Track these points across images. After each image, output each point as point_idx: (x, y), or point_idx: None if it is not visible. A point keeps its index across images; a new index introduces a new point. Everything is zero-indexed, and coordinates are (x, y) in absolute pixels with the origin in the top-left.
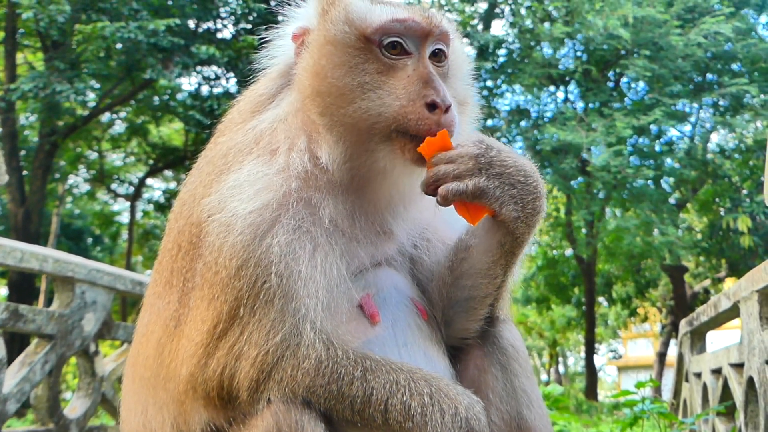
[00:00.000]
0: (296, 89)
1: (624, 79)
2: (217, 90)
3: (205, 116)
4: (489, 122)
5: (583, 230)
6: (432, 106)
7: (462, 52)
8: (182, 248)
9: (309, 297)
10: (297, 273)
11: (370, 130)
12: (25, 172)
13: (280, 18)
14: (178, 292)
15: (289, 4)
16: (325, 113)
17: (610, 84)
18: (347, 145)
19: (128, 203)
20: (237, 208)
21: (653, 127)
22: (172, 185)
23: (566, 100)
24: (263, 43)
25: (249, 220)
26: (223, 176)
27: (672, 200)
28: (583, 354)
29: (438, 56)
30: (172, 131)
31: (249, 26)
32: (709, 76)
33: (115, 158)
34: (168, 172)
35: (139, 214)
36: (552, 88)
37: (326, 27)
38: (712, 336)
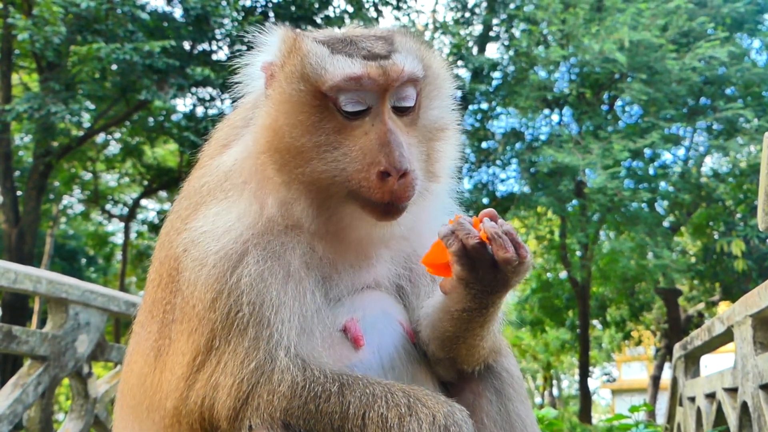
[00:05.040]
0: (252, 140)
1: (618, 103)
2: (212, 111)
3: (199, 137)
4: (483, 144)
5: (578, 253)
6: (385, 174)
7: (439, 78)
8: (163, 280)
9: (282, 323)
10: (269, 300)
11: (327, 189)
12: (19, 193)
13: (251, 44)
14: (158, 322)
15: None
16: (283, 170)
17: (604, 107)
18: (309, 201)
19: (122, 224)
20: (209, 244)
21: (647, 151)
22: (167, 206)
23: (560, 123)
24: (235, 69)
25: (221, 254)
26: (196, 212)
27: (666, 223)
28: (577, 377)
29: (402, 109)
30: (166, 152)
31: (244, 48)
32: (702, 99)
33: (109, 179)
34: (162, 193)
35: (133, 235)
36: (546, 111)
37: (283, 85)
38: (707, 359)
